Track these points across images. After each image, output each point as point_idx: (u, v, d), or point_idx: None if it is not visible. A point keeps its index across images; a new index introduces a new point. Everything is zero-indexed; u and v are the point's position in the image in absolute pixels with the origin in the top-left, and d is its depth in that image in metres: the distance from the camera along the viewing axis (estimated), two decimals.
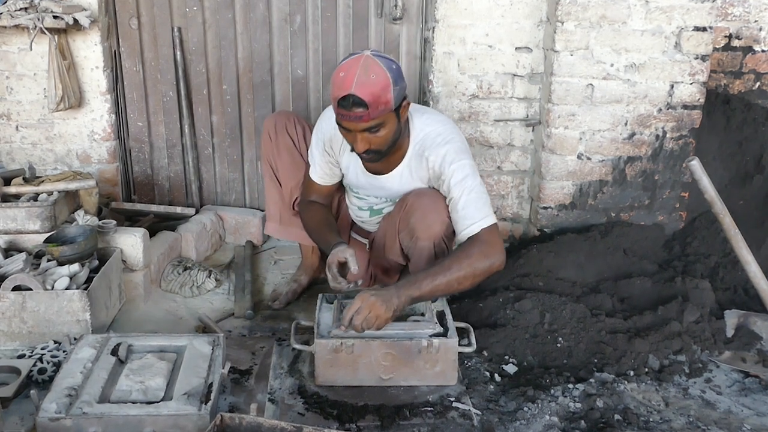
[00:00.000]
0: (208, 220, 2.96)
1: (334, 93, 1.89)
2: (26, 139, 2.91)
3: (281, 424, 1.53)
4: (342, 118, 1.91)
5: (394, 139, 1.99)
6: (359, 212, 2.40)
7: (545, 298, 2.28)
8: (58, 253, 2.19)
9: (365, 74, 1.84)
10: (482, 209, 2.00)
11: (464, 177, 2.01)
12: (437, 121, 2.12)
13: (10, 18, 2.56)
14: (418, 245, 2.10)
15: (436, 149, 2.04)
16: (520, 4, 2.83)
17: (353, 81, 1.84)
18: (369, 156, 2.00)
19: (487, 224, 1.98)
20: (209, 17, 2.94)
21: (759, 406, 1.95)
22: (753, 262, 2.21)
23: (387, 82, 1.86)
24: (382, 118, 1.89)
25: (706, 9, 2.69)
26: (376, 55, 1.90)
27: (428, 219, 2.05)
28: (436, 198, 2.07)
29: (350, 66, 1.87)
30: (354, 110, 1.86)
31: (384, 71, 1.86)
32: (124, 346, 1.90)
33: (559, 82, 2.76)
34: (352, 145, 1.99)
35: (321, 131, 2.22)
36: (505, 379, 2.04)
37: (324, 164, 2.25)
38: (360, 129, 1.90)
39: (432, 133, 2.08)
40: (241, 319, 2.42)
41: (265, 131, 2.45)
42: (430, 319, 2.03)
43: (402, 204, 2.15)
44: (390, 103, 1.88)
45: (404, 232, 2.14)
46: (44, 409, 1.62)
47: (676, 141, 2.85)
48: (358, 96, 1.83)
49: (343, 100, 1.86)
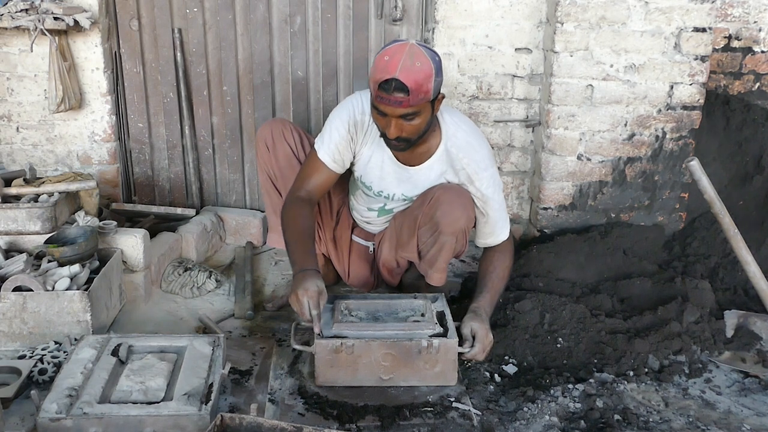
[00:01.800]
0: (208, 221, 2.96)
1: (376, 75, 1.89)
2: (27, 140, 2.92)
3: (281, 425, 1.53)
4: (381, 101, 1.91)
5: (425, 130, 2.02)
6: (367, 213, 2.39)
7: (545, 298, 2.29)
8: (59, 254, 2.19)
9: (410, 61, 1.86)
10: (505, 219, 2.22)
11: (496, 186, 2.15)
12: (468, 124, 2.18)
13: (10, 19, 2.57)
14: (440, 240, 2.13)
15: (471, 153, 2.11)
16: (520, 5, 2.83)
17: (398, 66, 1.85)
18: (398, 143, 2.02)
19: (509, 232, 2.25)
20: (209, 18, 2.95)
21: (759, 406, 1.95)
22: (753, 263, 2.21)
23: (430, 71, 1.89)
24: (420, 107, 1.92)
25: (705, 10, 2.69)
26: (421, 45, 1.93)
27: (455, 213, 2.08)
28: (461, 192, 2.12)
29: (395, 51, 1.88)
30: (395, 95, 1.87)
31: (428, 60, 1.89)
32: (125, 347, 1.90)
33: (559, 82, 2.77)
34: (382, 130, 2.00)
35: (350, 113, 2.15)
36: (505, 380, 2.04)
37: (342, 145, 2.16)
38: (397, 114, 1.92)
39: (466, 136, 2.13)
40: (241, 320, 2.42)
41: (260, 141, 2.38)
42: (430, 320, 2.03)
43: (426, 198, 2.16)
44: (429, 93, 1.91)
45: (426, 226, 2.15)
46: (45, 410, 1.62)
47: (676, 142, 2.86)
48: (402, 81, 1.85)
49: (385, 83, 1.87)
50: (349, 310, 2.10)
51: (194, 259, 2.82)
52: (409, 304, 2.16)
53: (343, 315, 2.06)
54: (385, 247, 2.38)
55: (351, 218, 2.51)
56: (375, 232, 2.46)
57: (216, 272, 2.71)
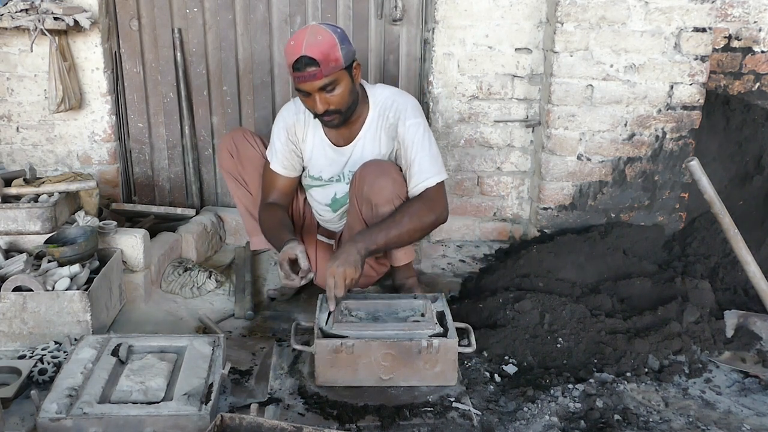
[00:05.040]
0: (208, 221, 2.96)
1: (288, 60, 2.07)
2: (27, 140, 2.92)
3: (281, 424, 1.53)
4: (298, 80, 2.07)
5: (352, 100, 2.16)
6: (323, 210, 2.46)
7: (545, 298, 2.28)
8: (59, 254, 2.19)
9: (313, 37, 2.04)
10: (434, 166, 2.22)
11: (420, 134, 2.21)
12: (390, 87, 2.35)
13: (10, 19, 2.57)
14: (379, 212, 2.18)
15: (397, 105, 2.24)
16: (520, 5, 2.83)
17: (302, 44, 2.03)
18: (330, 117, 2.14)
19: (435, 181, 2.21)
20: (209, 19, 2.95)
21: (759, 406, 1.95)
22: (752, 263, 2.21)
23: (333, 41, 2.05)
24: (335, 75, 2.07)
25: (705, 10, 2.69)
26: (321, 24, 2.12)
27: (380, 182, 2.16)
28: (380, 161, 2.23)
29: (298, 35, 2.07)
30: (307, 69, 2.03)
31: (329, 33, 2.06)
32: (125, 347, 1.90)
33: (559, 82, 2.77)
34: (312, 110, 2.15)
35: (283, 120, 2.35)
36: (505, 380, 2.04)
37: (287, 153, 2.34)
38: (316, 88, 2.06)
39: (390, 96, 2.28)
40: (241, 320, 2.42)
41: (223, 151, 2.49)
42: (430, 320, 2.03)
43: (353, 180, 2.25)
44: (340, 61, 2.06)
45: (364, 206, 2.22)
46: (45, 410, 1.62)
47: (676, 142, 2.86)
48: (309, 55, 2.02)
49: (296, 63, 2.04)
50: (349, 310, 2.10)
51: (194, 259, 2.82)
52: (409, 304, 2.16)
53: (343, 315, 2.06)
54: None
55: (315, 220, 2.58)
56: (336, 230, 2.53)
57: (216, 272, 2.71)
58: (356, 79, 2.16)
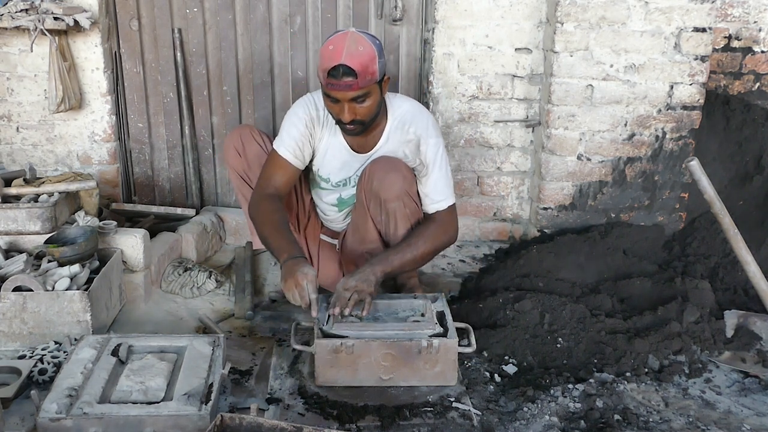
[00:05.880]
0: (208, 221, 2.96)
1: (324, 65, 2.02)
2: (27, 140, 2.92)
3: (281, 424, 1.53)
4: (332, 87, 2.02)
5: (377, 112, 2.13)
6: (328, 209, 2.44)
7: (545, 298, 2.28)
8: (59, 254, 2.19)
9: (354, 46, 1.99)
10: (448, 188, 2.24)
11: (440, 155, 2.20)
12: (411, 101, 2.31)
13: (10, 19, 2.57)
14: (388, 209, 2.18)
15: (417, 121, 2.21)
16: (520, 5, 2.83)
17: (343, 52, 1.98)
18: (353, 127, 2.12)
19: (450, 203, 2.24)
20: (209, 18, 2.95)
21: (759, 406, 1.95)
22: (752, 263, 2.21)
23: (373, 54, 2.02)
24: (369, 88, 2.04)
25: (705, 10, 2.69)
26: (361, 32, 2.06)
27: (390, 177, 2.15)
28: (390, 159, 2.20)
29: (338, 40, 2.01)
30: (344, 79, 1.99)
31: (370, 44, 2.03)
32: (125, 347, 1.90)
33: (559, 82, 2.77)
34: (337, 117, 2.11)
35: (305, 112, 2.24)
36: (505, 380, 2.04)
37: (302, 139, 2.24)
38: (348, 98, 2.03)
39: (411, 109, 2.25)
40: (241, 320, 2.42)
41: (230, 148, 2.42)
42: (430, 320, 2.03)
43: (362, 177, 2.23)
44: (376, 74, 2.04)
45: (372, 202, 2.21)
46: (45, 410, 1.62)
47: (676, 142, 2.86)
48: (348, 65, 1.97)
49: (333, 70, 1.99)
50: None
51: (194, 259, 2.82)
52: (409, 304, 2.16)
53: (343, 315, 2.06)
54: (349, 242, 2.42)
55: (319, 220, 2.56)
56: (339, 229, 2.51)
57: (216, 272, 2.71)
58: (384, 92, 2.15)
